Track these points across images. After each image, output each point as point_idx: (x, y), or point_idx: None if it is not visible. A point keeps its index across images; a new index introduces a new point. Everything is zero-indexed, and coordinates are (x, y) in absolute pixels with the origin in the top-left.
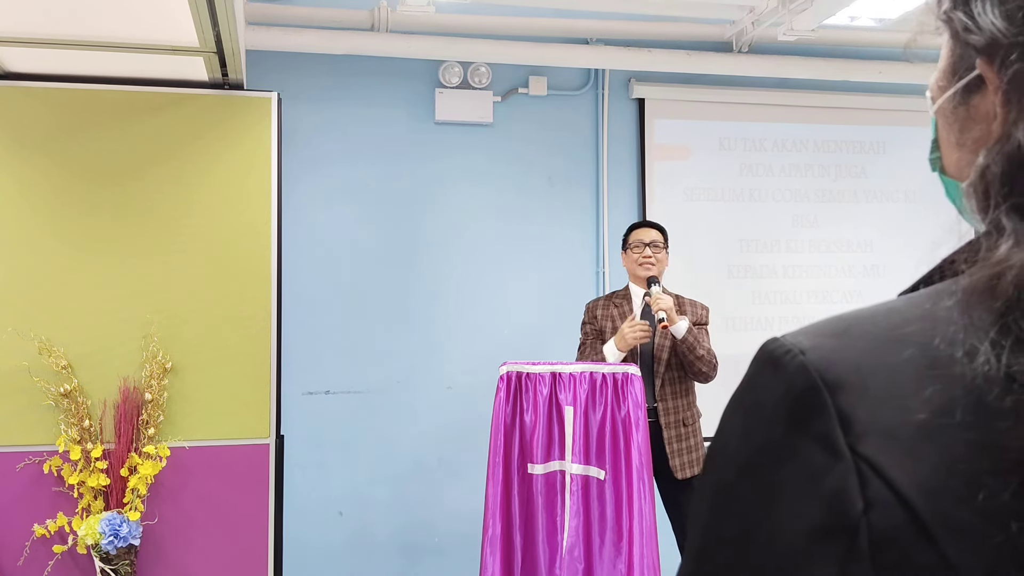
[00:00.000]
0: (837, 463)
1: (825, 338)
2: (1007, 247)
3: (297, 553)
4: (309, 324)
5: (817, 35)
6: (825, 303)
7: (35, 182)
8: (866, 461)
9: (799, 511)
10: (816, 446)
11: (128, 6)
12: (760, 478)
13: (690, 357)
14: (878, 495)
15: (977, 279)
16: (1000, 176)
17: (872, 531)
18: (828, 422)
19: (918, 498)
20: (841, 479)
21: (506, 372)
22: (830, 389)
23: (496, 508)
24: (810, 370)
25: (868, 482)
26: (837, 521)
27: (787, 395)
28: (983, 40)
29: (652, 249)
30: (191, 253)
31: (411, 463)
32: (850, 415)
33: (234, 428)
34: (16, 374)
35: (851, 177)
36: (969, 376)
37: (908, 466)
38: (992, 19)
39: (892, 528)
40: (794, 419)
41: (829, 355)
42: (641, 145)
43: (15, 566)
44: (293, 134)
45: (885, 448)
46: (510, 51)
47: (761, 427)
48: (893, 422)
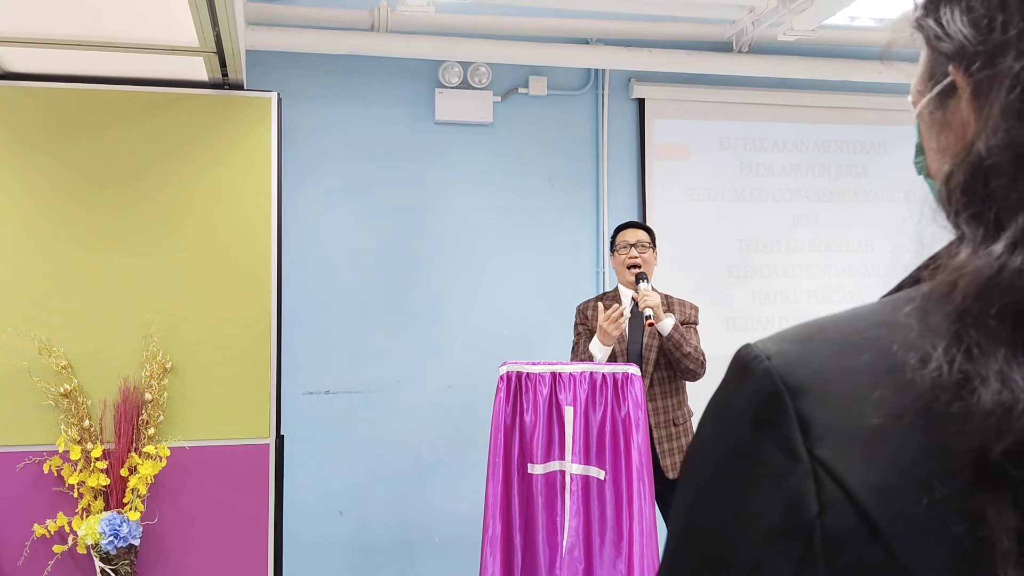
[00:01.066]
0: (796, 466)
1: (790, 344)
2: (965, 254)
3: (297, 552)
4: (309, 324)
5: (817, 35)
6: (825, 303)
7: (35, 182)
8: (822, 464)
9: (760, 512)
10: (777, 449)
11: (128, 6)
12: (729, 480)
13: (676, 355)
14: (832, 497)
15: (935, 285)
16: (962, 184)
17: (826, 533)
18: (789, 426)
19: (869, 499)
20: (799, 482)
21: (506, 372)
22: (792, 394)
23: (496, 508)
24: (774, 375)
25: (823, 485)
26: (793, 523)
27: (753, 399)
28: (952, 47)
29: (638, 249)
30: (191, 253)
31: (411, 463)
32: (809, 419)
33: (234, 428)
34: (16, 374)
35: (851, 177)
36: (920, 382)
37: (861, 468)
38: (960, 27)
39: (845, 529)
40: (758, 423)
41: (793, 360)
42: (641, 145)
43: (15, 566)
44: (293, 134)
45: (840, 451)
46: (510, 51)
47: (730, 430)
48: (849, 426)
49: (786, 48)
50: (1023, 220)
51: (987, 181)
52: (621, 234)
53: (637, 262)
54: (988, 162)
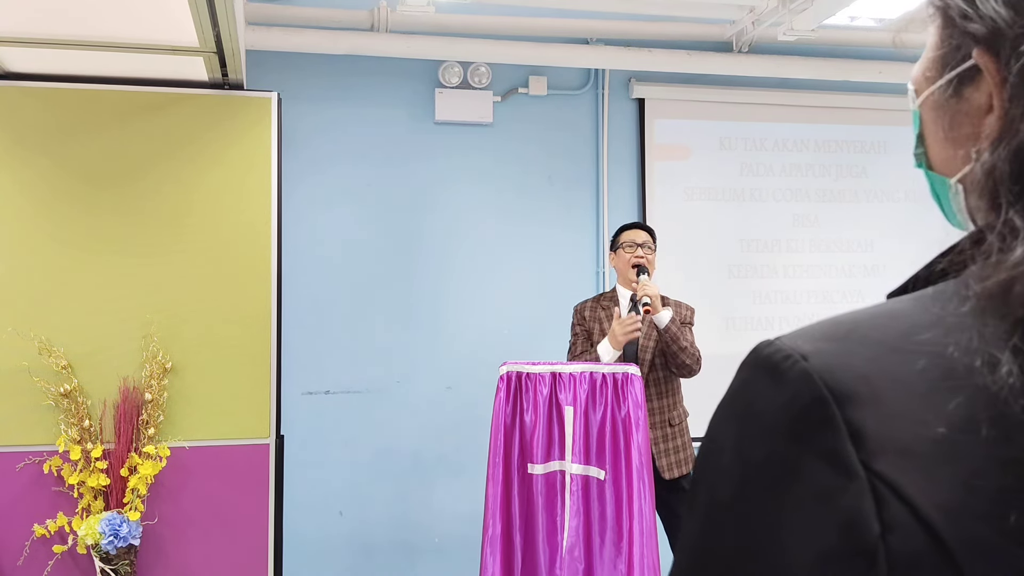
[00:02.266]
0: (850, 482)
1: (826, 343)
2: (1021, 251)
3: (297, 552)
4: (309, 324)
5: (817, 35)
6: (825, 303)
7: (35, 182)
8: (882, 480)
9: (806, 534)
10: (824, 463)
11: (128, 6)
12: (760, 497)
13: (673, 348)
14: (897, 517)
15: (991, 284)
16: (1010, 175)
17: (891, 555)
18: (837, 437)
19: (940, 520)
20: (855, 499)
21: (506, 372)
22: (838, 400)
23: (496, 508)
24: (814, 378)
25: (885, 502)
26: (852, 545)
27: (790, 406)
28: (984, 29)
29: (643, 250)
30: (191, 253)
31: (411, 463)
32: (861, 429)
33: (234, 428)
34: (16, 374)
35: (851, 177)
36: (991, 388)
37: (928, 485)
38: (995, 6)
39: (913, 553)
40: (798, 433)
41: (833, 362)
42: (641, 145)
43: (15, 566)
44: (293, 134)
45: (902, 466)
46: (510, 51)
47: (759, 440)
48: (909, 437)
49: (786, 48)
50: None
51: None
52: (627, 233)
53: (643, 262)
54: None
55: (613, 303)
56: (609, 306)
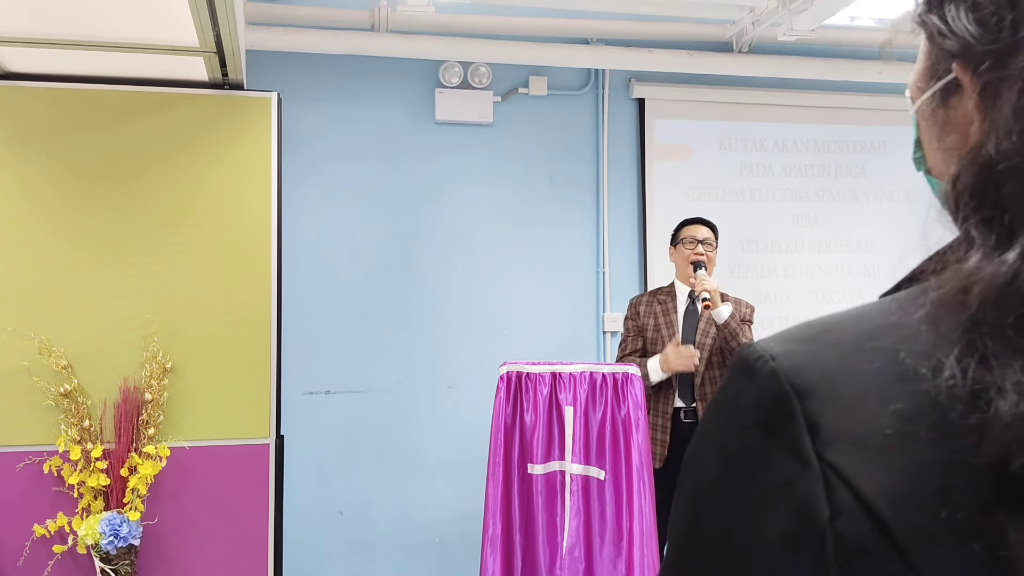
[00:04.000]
0: (806, 471)
1: (795, 344)
2: (975, 260)
3: (297, 553)
4: (309, 324)
5: (817, 35)
6: (825, 303)
7: (35, 182)
8: (833, 469)
9: (770, 520)
10: (786, 454)
11: (128, 6)
12: (734, 486)
13: (732, 344)
14: (844, 503)
15: (946, 291)
16: (970, 187)
17: (838, 540)
18: (797, 429)
19: (885, 506)
20: (809, 487)
21: (506, 372)
22: (799, 396)
23: (496, 508)
24: (780, 376)
25: (835, 490)
26: (805, 529)
27: (758, 402)
28: (957, 45)
29: (704, 247)
30: (191, 253)
31: (411, 463)
32: (818, 422)
33: (234, 428)
34: (16, 374)
35: (851, 177)
36: (934, 392)
37: (875, 474)
38: (965, 24)
39: (859, 537)
40: (765, 426)
41: (799, 361)
42: (641, 145)
43: (15, 566)
44: (293, 134)
45: (852, 456)
46: (510, 51)
47: (734, 434)
48: (861, 430)
49: (786, 48)
50: None
51: (998, 185)
52: (688, 228)
53: (702, 259)
54: (1000, 166)
55: (670, 298)
56: (666, 301)
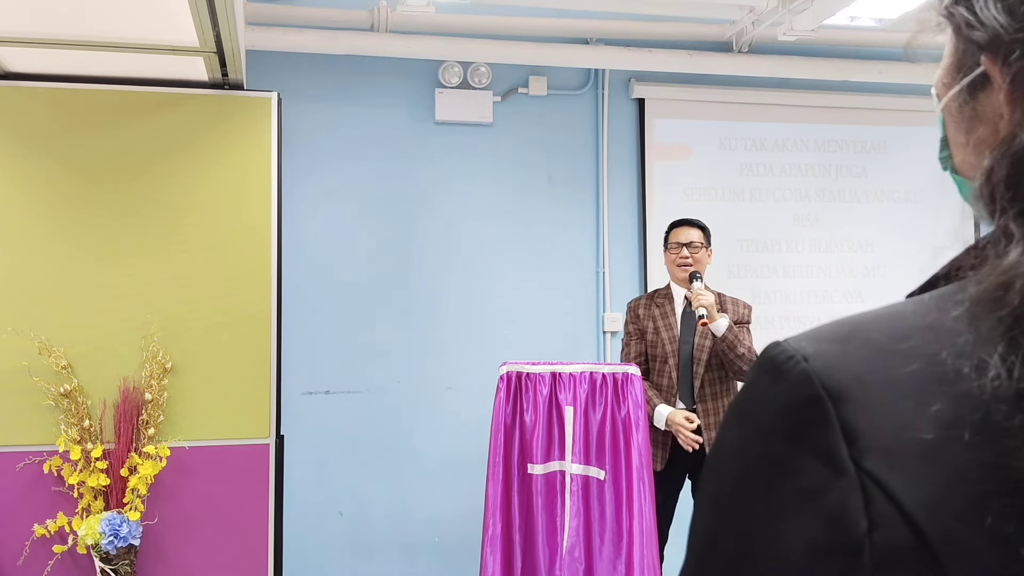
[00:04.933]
0: (840, 479)
1: (828, 344)
2: (1016, 254)
3: (297, 553)
4: (309, 324)
5: (817, 35)
6: (825, 303)
7: (35, 182)
8: (870, 477)
9: (799, 527)
10: (818, 460)
11: (128, 6)
12: (759, 491)
13: (730, 356)
14: (883, 514)
15: (985, 288)
16: (1005, 179)
17: (876, 551)
18: (831, 435)
19: (924, 518)
20: (844, 496)
21: (506, 372)
22: (833, 400)
23: (496, 508)
24: (812, 378)
25: (872, 500)
26: (839, 539)
27: (789, 405)
28: (986, 36)
29: (690, 250)
30: (191, 253)
31: (411, 463)
32: (854, 428)
33: (234, 428)
34: (16, 374)
35: (851, 177)
36: (978, 393)
37: (914, 484)
38: (994, 14)
39: (897, 549)
40: (795, 430)
41: (832, 362)
42: (641, 145)
43: (15, 566)
44: (293, 134)
45: (890, 464)
46: (510, 51)
47: (760, 437)
48: (898, 438)
49: (786, 48)
50: None
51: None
52: (673, 232)
53: (688, 262)
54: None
55: (668, 300)
56: (663, 303)
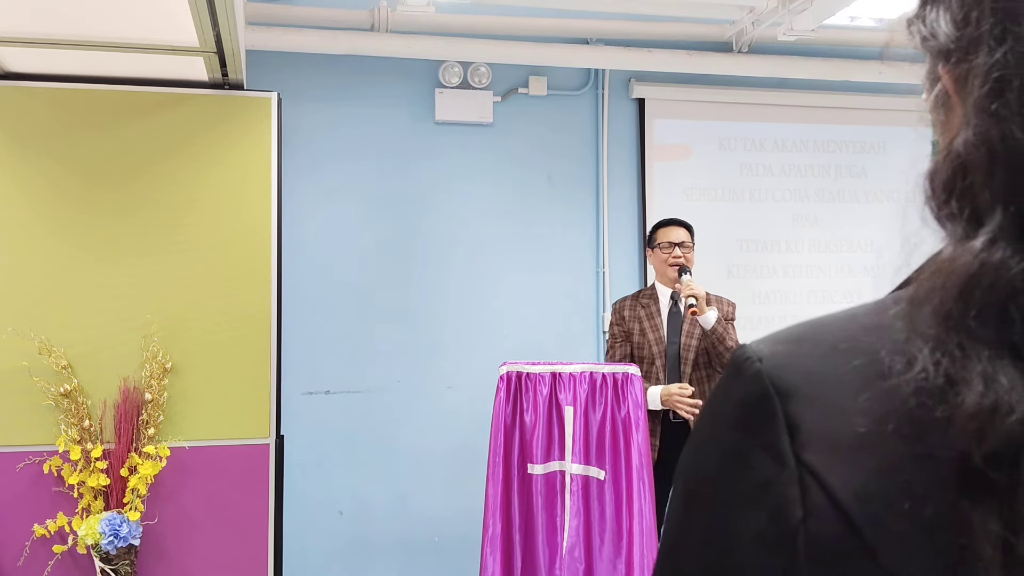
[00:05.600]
0: (783, 471)
1: (782, 345)
2: (948, 252)
3: (297, 553)
4: (309, 324)
5: (817, 35)
6: (825, 303)
7: (35, 182)
8: (808, 469)
9: (748, 518)
10: (766, 454)
11: (128, 6)
12: (719, 485)
13: (719, 348)
14: (816, 503)
15: (919, 286)
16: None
17: (809, 539)
18: (777, 430)
19: (854, 505)
20: (785, 487)
21: (506, 372)
22: (781, 397)
23: (496, 508)
24: (763, 377)
25: (808, 490)
26: (780, 529)
27: (743, 402)
28: (937, 47)
29: (681, 249)
30: (191, 253)
31: (411, 463)
32: (797, 423)
33: (234, 428)
34: (16, 374)
35: (851, 177)
36: (906, 387)
37: (846, 474)
38: (942, 25)
39: (829, 536)
40: (747, 426)
41: (783, 362)
42: (641, 145)
43: (15, 566)
44: (293, 134)
45: (826, 456)
46: (510, 51)
47: (720, 434)
48: (836, 431)
49: (786, 48)
50: (999, 216)
51: (964, 176)
52: (663, 231)
53: (681, 262)
54: (963, 158)
55: (653, 301)
56: (649, 304)
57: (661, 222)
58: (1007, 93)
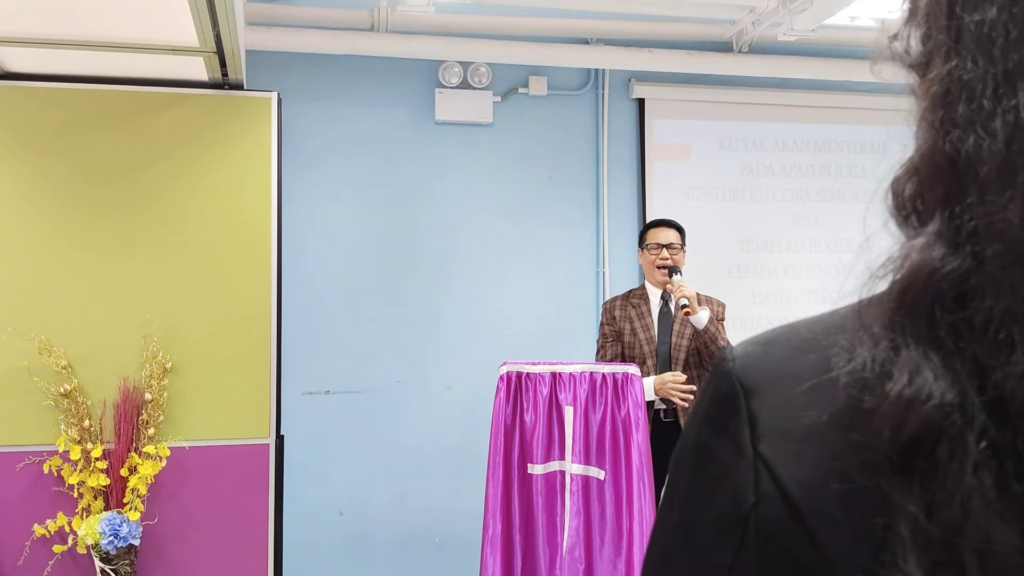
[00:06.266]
0: (741, 460)
1: (755, 346)
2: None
3: (297, 553)
4: (309, 324)
5: (817, 35)
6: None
7: (35, 182)
8: (762, 459)
9: (711, 504)
10: (730, 446)
11: (128, 6)
12: (690, 476)
13: (711, 348)
14: (766, 490)
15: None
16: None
17: (759, 523)
18: (740, 424)
19: (798, 493)
20: (741, 474)
21: (506, 372)
22: (746, 393)
23: (496, 508)
24: (732, 376)
25: (760, 478)
26: (733, 513)
27: (714, 399)
28: (910, 62)
29: (670, 251)
30: (191, 253)
31: (411, 463)
32: (756, 417)
33: (234, 428)
34: (16, 374)
35: (851, 177)
36: (842, 379)
37: (792, 463)
38: (913, 42)
39: (775, 521)
40: (716, 420)
41: (752, 362)
42: (641, 145)
43: (15, 566)
44: (293, 134)
45: (778, 447)
46: (510, 51)
47: (696, 428)
48: (787, 423)
49: (786, 48)
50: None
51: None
52: (652, 232)
53: (669, 263)
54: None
55: (643, 301)
56: (639, 304)
57: (651, 223)
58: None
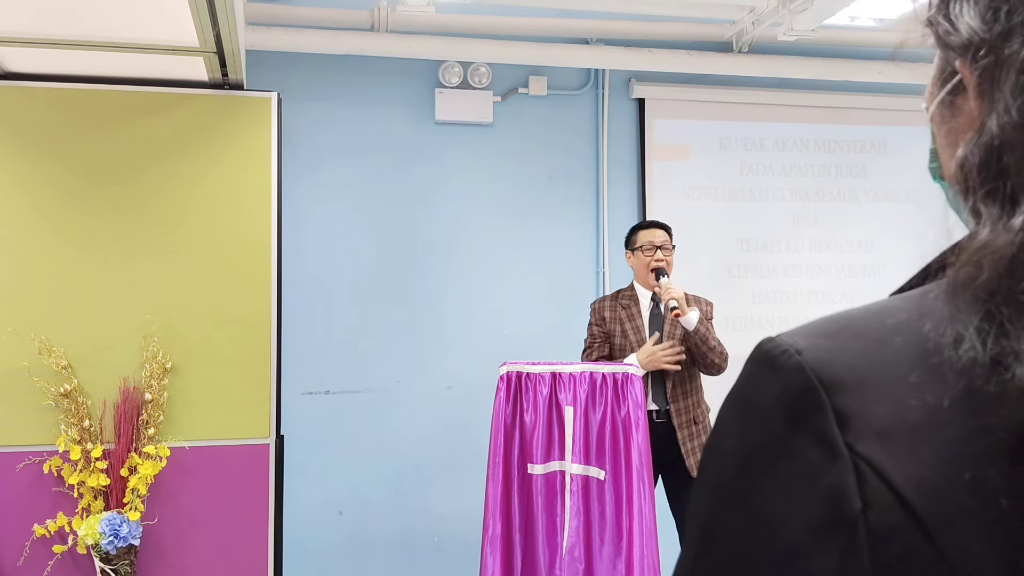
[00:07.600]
0: (835, 462)
1: (820, 338)
2: (985, 233)
3: (297, 553)
4: (309, 324)
5: (817, 35)
6: (825, 303)
7: (35, 182)
8: (864, 460)
9: (798, 506)
10: (814, 443)
11: (128, 6)
12: (759, 474)
13: (703, 348)
14: (876, 494)
15: (960, 267)
16: (977, 165)
17: (870, 529)
18: (826, 421)
19: (916, 496)
20: (839, 477)
21: (506, 372)
22: (827, 388)
23: (496, 508)
24: (806, 370)
25: (866, 481)
26: (835, 517)
27: (785, 394)
28: (960, 41)
29: (662, 251)
30: (191, 253)
31: (411, 463)
32: (847, 414)
33: (234, 428)
34: (16, 374)
35: (851, 177)
36: (956, 364)
37: (905, 463)
38: (968, 20)
39: (891, 527)
40: (792, 417)
41: (824, 355)
42: (641, 145)
43: (15, 566)
44: (293, 134)
45: (882, 446)
46: (510, 51)
47: (758, 425)
48: (889, 420)
49: (786, 48)
50: None
51: (1000, 158)
52: (644, 233)
53: (662, 265)
54: (999, 140)
55: (633, 302)
56: (629, 305)
57: (640, 224)
58: None
